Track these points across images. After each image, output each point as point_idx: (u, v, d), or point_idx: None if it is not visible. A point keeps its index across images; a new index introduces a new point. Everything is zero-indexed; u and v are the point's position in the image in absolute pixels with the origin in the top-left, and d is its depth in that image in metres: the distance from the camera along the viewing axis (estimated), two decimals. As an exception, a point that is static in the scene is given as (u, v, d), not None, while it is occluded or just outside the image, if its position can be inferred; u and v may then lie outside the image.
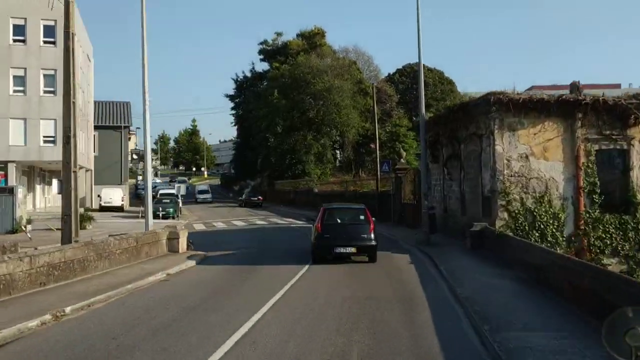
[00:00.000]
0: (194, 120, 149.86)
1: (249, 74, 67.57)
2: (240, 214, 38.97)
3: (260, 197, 50.97)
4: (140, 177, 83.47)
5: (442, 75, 74.20)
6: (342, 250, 14.81)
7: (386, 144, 52.30)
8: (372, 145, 66.08)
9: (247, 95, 64.53)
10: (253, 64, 67.72)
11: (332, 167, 57.26)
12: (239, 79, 69.34)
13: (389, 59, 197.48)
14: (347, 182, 33.83)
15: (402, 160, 27.77)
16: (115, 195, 40.53)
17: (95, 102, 50.57)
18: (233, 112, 70.54)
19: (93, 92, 46.85)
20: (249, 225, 30.45)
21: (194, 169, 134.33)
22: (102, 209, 39.37)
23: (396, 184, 27.44)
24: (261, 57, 65.20)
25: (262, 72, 65.26)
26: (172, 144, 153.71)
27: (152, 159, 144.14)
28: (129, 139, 57.97)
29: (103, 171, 47.95)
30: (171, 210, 33.87)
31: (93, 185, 45.47)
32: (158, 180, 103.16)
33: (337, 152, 62.37)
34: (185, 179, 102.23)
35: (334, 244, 14.81)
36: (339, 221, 15.78)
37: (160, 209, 33.53)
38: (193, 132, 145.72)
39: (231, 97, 70.57)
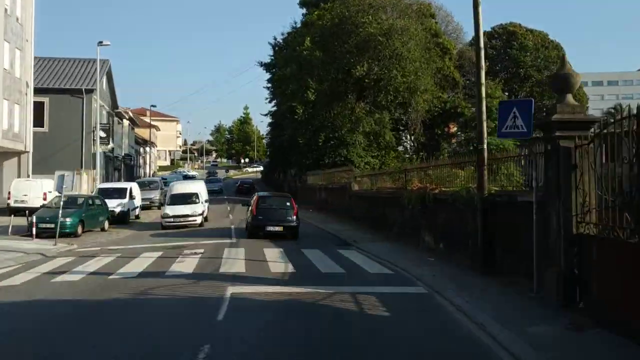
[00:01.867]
0: (246, 107, 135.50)
1: (288, 33, 50.52)
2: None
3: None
4: (152, 171, 69.18)
5: (545, 37, 54.98)
6: (272, 228, 18.28)
7: (471, 122, 34.30)
8: (452, 128, 47.84)
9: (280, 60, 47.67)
10: (295, 23, 50.27)
11: (395, 154, 39.61)
12: (277, 43, 52.52)
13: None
14: (406, 176, 15.48)
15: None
16: (34, 191, 25.12)
17: (52, 60, 35.99)
18: (268, 85, 53.85)
19: (33, 44, 31.72)
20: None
21: (243, 160, 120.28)
22: (12, 211, 23.92)
23: (560, 170, 8.08)
24: (303, 11, 48.14)
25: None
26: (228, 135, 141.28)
27: (200, 150, 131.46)
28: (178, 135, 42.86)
29: (57, 154, 33.10)
30: (69, 222, 17.75)
31: (30, 174, 30.50)
32: (192, 173, 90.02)
33: (402, 134, 44.51)
34: (216, 172, 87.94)
35: (266, 224, 18.33)
36: (270, 206, 19.22)
37: (47, 219, 17.66)
38: (245, 121, 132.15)
39: (267, 67, 53.72)
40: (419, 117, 36.60)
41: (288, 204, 19.45)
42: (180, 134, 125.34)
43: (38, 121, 32.82)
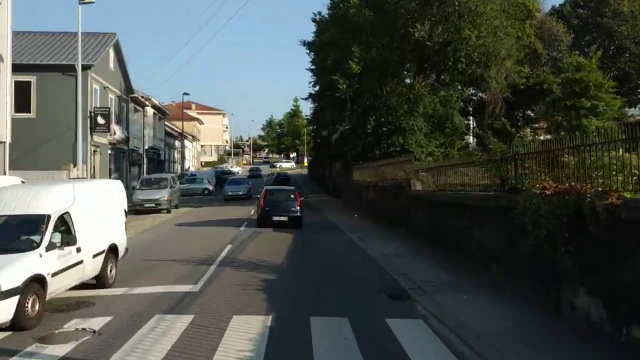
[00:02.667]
0: (295, 99, 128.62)
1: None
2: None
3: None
4: (189, 166, 63.39)
5: (645, 2, 44.29)
6: (278, 218, 20.06)
7: (561, 103, 25.45)
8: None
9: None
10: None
11: (461, 144, 31.41)
12: (322, 18, 44.86)
13: None
14: (517, 167, 8.33)
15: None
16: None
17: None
18: (312, 67, 46.29)
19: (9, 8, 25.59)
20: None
21: (292, 155, 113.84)
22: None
23: None
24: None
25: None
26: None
27: (247, 146, 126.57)
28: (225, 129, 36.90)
29: (44, 146, 27.09)
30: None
31: (7, 170, 24.40)
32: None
33: (470, 119, 35.92)
34: (236, 171, 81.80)
35: (272, 214, 20.18)
36: (276, 198, 21.18)
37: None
38: (294, 113, 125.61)
39: (309, 46, 46.12)
40: (501, 93, 28.02)
41: (292, 196, 21.39)
42: (227, 128, 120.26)
43: (23, 105, 26.88)
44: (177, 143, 63.75)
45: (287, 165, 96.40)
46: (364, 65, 27.22)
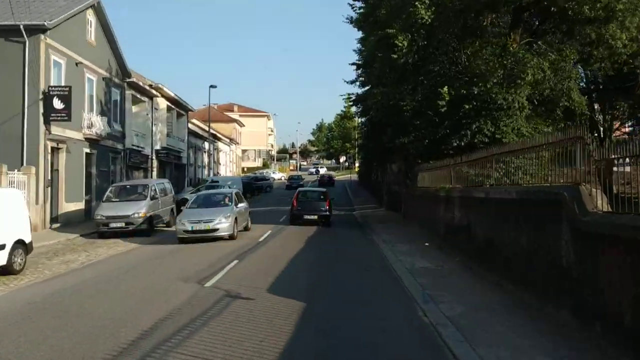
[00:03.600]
0: (347, 99, 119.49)
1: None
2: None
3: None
4: (213, 173, 55.43)
5: None
6: (308, 217, 21.68)
7: None
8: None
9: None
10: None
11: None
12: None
13: None
14: None
15: None
16: None
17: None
18: (359, 46, 36.59)
19: None
20: None
21: (342, 159, 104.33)
22: None
23: None
24: None
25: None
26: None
27: (300, 151, 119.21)
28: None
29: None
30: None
31: None
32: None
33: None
34: (267, 172, 73.65)
35: (304, 213, 21.86)
36: (307, 198, 23.10)
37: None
38: (345, 115, 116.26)
39: (358, 24, 36.49)
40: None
41: (322, 197, 22.98)
42: (272, 131, 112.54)
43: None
44: (207, 145, 56.03)
45: (322, 172, 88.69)
46: (437, 12, 17.69)
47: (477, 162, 12.08)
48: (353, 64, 23.64)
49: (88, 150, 24.20)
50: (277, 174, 76.20)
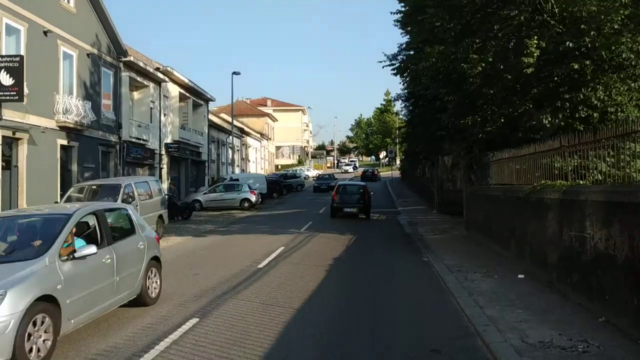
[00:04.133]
0: (387, 93, 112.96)
1: None
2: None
3: None
4: (232, 171, 50.66)
5: None
6: (348, 209, 22.94)
7: None
8: None
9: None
10: None
11: None
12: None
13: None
14: None
15: None
16: None
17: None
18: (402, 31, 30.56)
19: None
20: None
21: (381, 155, 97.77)
22: None
23: None
24: None
25: None
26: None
27: (338, 148, 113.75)
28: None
29: None
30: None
31: None
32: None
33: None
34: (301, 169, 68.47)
35: (343, 206, 22.98)
36: (347, 192, 23.87)
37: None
38: (385, 109, 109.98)
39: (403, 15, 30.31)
40: None
41: (361, 190, 23.61)
42: (307, 126, 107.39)
43: None
44: (233, 140, 51.37)
45: (347, 168, 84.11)
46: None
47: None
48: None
49: (65, 142, 19.45)
50: (312, 171, 70.95)
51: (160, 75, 28.85)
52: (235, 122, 59.68)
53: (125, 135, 24.66)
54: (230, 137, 46.52)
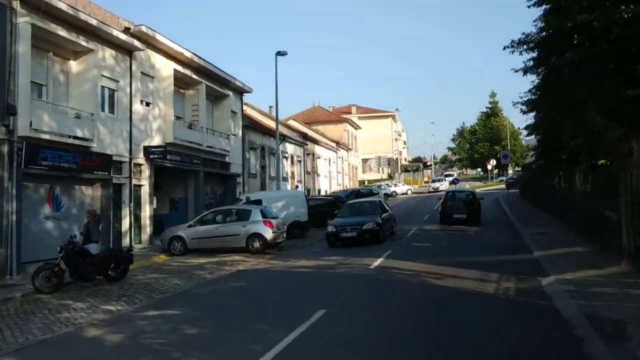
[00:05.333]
0: (492, 94, 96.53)
1: None
2: None
3: None
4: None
5: None
6: (458, 216, 22.90)
7: None
8: None
9: None
10: None
11: None
12: None
13: None
14: None
15: None
16: None
17: None
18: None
19: None
20: None
21: (489, 167, 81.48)
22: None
23: None
24: None
25: None
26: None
27: (436, 159, 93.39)
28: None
29: None
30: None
31: None
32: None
33: None
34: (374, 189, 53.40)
35: (453, 212, 23.18)
36: (456, 198, 24.57)
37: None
38: (492, 113, 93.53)
39: None
40: None
41: (471, 197, 24.47)
42: (399, 135, 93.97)
43: None
44: (295, 150, 40.19)
45: (436, 185, 56.76)
46: None
47: None
48: None
49: None
50: (402, 187, 57.59)
51: (124, 38, 18.07)
52: (302, 128, 48.52)
53: (24, 129, 13.97)
54: (285, 142, 35.29)
